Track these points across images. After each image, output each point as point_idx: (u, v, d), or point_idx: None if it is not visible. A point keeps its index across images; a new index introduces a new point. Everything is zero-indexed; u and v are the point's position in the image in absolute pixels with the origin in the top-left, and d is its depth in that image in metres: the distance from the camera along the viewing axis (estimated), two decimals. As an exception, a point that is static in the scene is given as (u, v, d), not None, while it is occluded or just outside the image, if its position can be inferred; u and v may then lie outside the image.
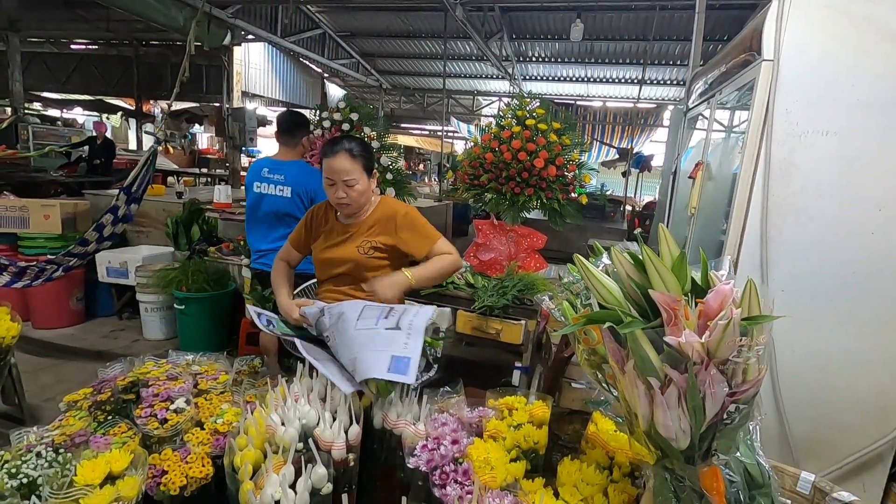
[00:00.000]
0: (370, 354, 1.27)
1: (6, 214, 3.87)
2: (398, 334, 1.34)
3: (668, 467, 0.76)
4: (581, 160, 3.21)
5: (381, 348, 1.29)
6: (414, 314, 1.43)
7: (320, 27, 9.76)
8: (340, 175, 1.66)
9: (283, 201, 2.70)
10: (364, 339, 1.33)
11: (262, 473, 1.00)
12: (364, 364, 1.25)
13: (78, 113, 14.36)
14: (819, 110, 1.70)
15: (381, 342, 1.31)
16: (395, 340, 1.32)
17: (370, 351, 1.28)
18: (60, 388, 2.98)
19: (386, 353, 1.27)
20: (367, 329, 1.37)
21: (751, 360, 0.65)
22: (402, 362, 1.25)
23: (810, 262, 1.71)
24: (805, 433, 1.80)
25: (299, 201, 2.71)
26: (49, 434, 1.12)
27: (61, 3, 8.66)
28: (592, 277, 0.74)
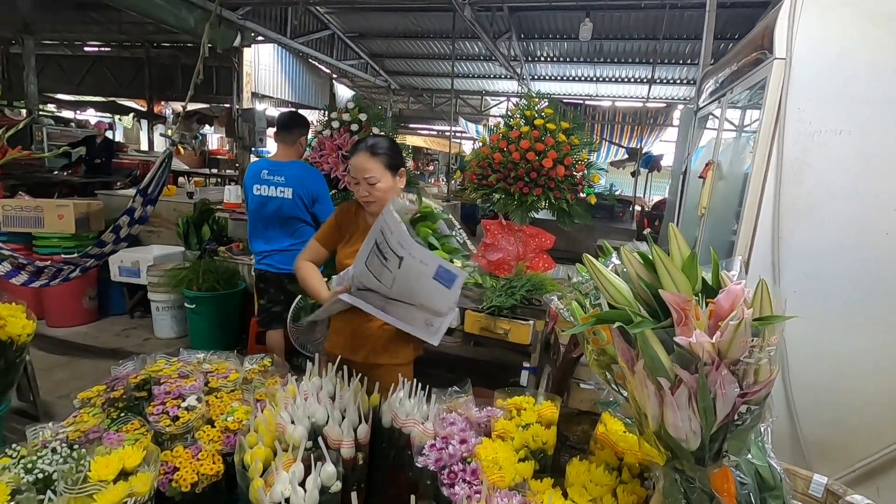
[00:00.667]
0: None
1: (21, 214, 3.93)
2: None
3: (678, 468, 0.76)
4: (590, 160, 3.20)
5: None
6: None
7: (329, 28, 9.81)
8: (361, 173, 1.67)
9: (286, 203, 2.70)
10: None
11: (272, 471, 1.01)
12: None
13: (91, 114, 14.56)
14: (833, 109, 1.68)
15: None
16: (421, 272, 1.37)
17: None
18: (74, 386, 3.03)
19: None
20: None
21: (762, 360, 0.64)
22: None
23: (823, 262, 1.69)
24: (817, 436, 1.78)
25: (301, 202, 2.71)
26: (64, 430, 1.14)
27: (75, 5, 8.78)
28: (602, 277, 0.74)
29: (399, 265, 1.38)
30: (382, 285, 1.45)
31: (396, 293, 1.46)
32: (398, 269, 1.39)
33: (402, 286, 1.43)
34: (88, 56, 12.26)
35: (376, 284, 1.47)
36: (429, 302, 1.45)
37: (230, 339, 3.89)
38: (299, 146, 2.81)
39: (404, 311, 1.50)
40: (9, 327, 1.63)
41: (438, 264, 1.37)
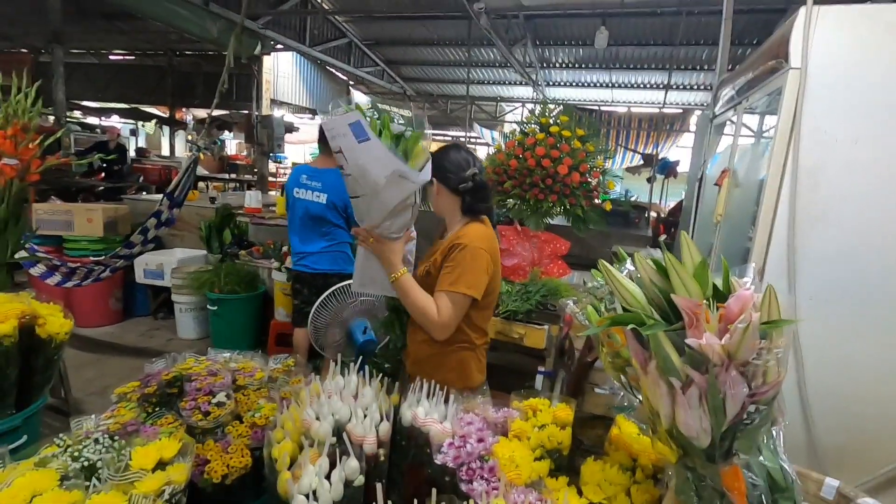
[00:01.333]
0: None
1: (53, 218, 4.09)
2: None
3: (689, 466, 0.79)
4: (605, 167, 3.23)
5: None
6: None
7: (346, 36, 9.98)
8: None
9: (318, 206, 2.87)
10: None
11: (300, 464, 1.06)
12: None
13: (115, 120, 14.97)
14: (849, 118, 1.69)
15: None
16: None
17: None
18: (102, 383, 3.14)
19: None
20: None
21: (770, 362, 0.68)
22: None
23: (839, 269, 1.70)
24: (834, 443, 1.78)
25: (333, 208, 2.88)
26: (104, 423, 1.21)
27: (102, 16, 9.08)
28: (617, 282, 0.78)
29: (344, 158, 1.35)
30: (362, 198, 1.42)
31: (366, 186, 1.39)
32: (347, 162, 1.36)
33: (360, 173, 1.37)
34: (113, 64, 12.66)
35: (362, 203, 1.44)
36: (382, 165, 1.34)
37: (251, 340, 3.99)
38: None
39: (386, 193, 1.40)
40: (48, 326, 1.72)
41: (345, 123, 1.30)
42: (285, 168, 13.73)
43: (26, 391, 1.74)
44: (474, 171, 1.59)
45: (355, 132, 1.31)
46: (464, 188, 1.60)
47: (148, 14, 6.36)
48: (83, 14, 8.77)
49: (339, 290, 2.23)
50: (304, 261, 2.97)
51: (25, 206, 2.23)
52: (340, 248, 2.96)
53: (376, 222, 1.47)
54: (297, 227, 2.95)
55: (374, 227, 1.48)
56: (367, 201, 1.43)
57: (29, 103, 2.09)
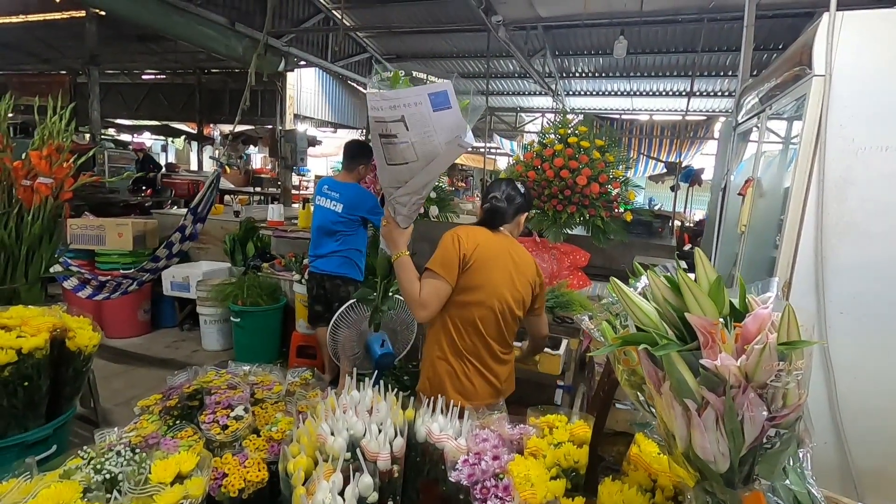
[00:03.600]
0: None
1: (86, 233, 4.24)
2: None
3: (708, 490, 0.76)
4: (625, 177, 3.19)
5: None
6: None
7: (367, 51, 10.16)
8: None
9: (333, 214, 3.19)
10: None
11: (314, 480, 1.06)
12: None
13: (146, 137, 15.54)
14: (877, 125, 1.64)
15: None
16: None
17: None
18: (130, 394, 3.23)
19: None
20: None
21: (790, 385, 0.65)
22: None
23: (870, 282, 1.63)
24: (870, 466, 1.70)
25: (348, 218, 3.17)
26: (126, 435, 1.24)
27: (136, 38, 9.48)
28: (628, 300, 0.76)
29: (405, 126, 1.40)
30: (411, 165, 1.48)
31: (423, 153, 1.45)
32: (408, 130, 1.41)
33: (423, 140, 1.43)
34: (145, 83, 13.17)
35: (406, 170, 1.50)
36: (451, 132, 1.43)
37: (272, 351, 4.04)
38: (357, 173, 3.31)
39: (435, 164, 1.49)
40: (77, 338, 1.78)
41: (425, 93, 1.37)
42: (308, 181, 13.98)
43: (56, 402, 1.80)
44: (494, 195, 1.86)
45: (435, 101, 1.37)
46: (485, 207, 1.88)
47: (178, 35, 6.62)
48: (118, 36, 9.18)
49: (357, 302, 2.25)
50: (316, 262, 3.28)
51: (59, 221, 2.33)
52: (349, 253, 3.23)
53: (417, 188, 1.56)
54: (315, 231, 3.29)
55: (411, 194, 1.60)
56: (414, 168, 1.50)
57: (63, 124, 2.18)
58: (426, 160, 1.48)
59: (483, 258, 1.73)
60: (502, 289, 1.75)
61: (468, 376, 1.77)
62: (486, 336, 1.75)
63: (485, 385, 1.79)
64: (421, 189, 1.59)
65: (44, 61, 11.64)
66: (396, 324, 2.43)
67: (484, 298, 1.73)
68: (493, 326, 1.76)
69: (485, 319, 1.74)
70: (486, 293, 1.73)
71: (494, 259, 1.75)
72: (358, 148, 3.35)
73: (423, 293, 1.67)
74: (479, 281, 1.72)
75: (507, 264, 1.77)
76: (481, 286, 1.72)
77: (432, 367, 1.80)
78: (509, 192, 1.86)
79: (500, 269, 1.75)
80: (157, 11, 5.99)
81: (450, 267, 1.69)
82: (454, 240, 1.73)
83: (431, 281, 1.69)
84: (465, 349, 1.76)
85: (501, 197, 1.85)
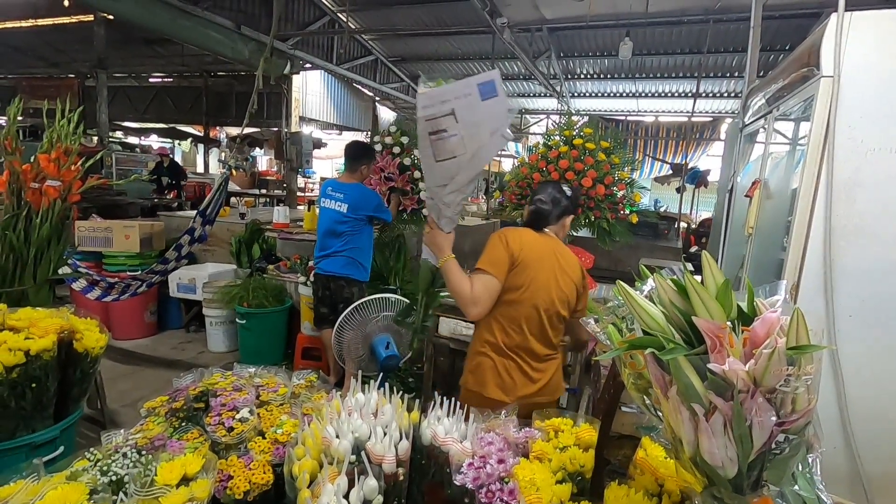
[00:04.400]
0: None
1: (94, 235, 4.27)
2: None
3: (716, 496, 0.76)
4: (631, 178, 3.18)
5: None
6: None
7: (373, 54, 10.20)
8: None
9: (338, 214, 3.20)
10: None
11: (319, 483, 1.06)
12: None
13: (154, 140, 15.66)
14: (886, 126, 1.62)
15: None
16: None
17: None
18: (136, 395, 3.24)
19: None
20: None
21: (799, 389, 0.64)
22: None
23: (879, 285, 1.61)
24: (881, 472, 1.67)
25: (353, 218, 3.18)
26: (133, 437, 1.24)
27: (143, 41, 9.56)
28: (635, 303, 0.76)
29: (455, 119, 1.50)
30: (459, 158, 1.57)
31: (472, 145, 1.55)
32: (457, 122, 1.51)
33: (472, 132, 1.53)
34: (152, 86, 13.27)
35: (454, 164, 1.59)
36: (498, 121, 1.55)
37: (277, 353, 4.05)
38: (360, 174, 3.30)
39: (484, 151, 1.59)
40: (85, 340, 1.79)
41: (475, 83, 1.47)
42: (314, 183, 14.05)
43: (63, 403, 1.81)
44: (539, 198, 1.93)
45: (484, 90, 1.48)
46: (530, 209, 1.95)
47: (185, 39, 6.67)
48: (126, 40, 9.26)
49: (363, 304, 2.25)
50: (321, 263, 3.28)
51: (68, 223, 2.35)
52: (353, 253, 3.23)
53: (463, 184, 1.65)
54: (320, 232, 3.30)
55: (456, 192, 1.67)
56: (461, 162, 1.59)
57: (71, 128, 2.20)
58: (473, 152, 1.57)
59: (529, 258, 1.78)
60: (548, 288, 1.80)
61: (509, 372, 1.82)
62: (528, 334, 1.80)
63: (526, 382, 1.83)
64: (466, 186, 1.68)
65: (53, 65, 11.76)
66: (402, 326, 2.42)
67: (529, 297, 1.78)
68: (537, 325, 1.80)
69: (529, 318, 1.79)
70: (531, 292, 1.78)
71: (539, 260, 1.80)
72: (359, 149, 3.34)
73: (475, 290, 1.72)
74: (525, 280, 1.77)
75: (552, 264, 1.82)
76: (527, 285, 1.77)
77: (476, 362, 1.87)
78: (554, 195, 1.92)
79: (545, 269, 1.80)
80: (165, 16, 6.04)
81: (499, 265, 1.76)
82: (502, 240, 1.80)
83: (482, 277, 1.74)
84: (507, 346, 1.81)
85: (546, 199, 1.91)
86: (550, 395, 1.89)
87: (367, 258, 3.34)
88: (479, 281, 1.74)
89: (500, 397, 1.82)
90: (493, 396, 1.82)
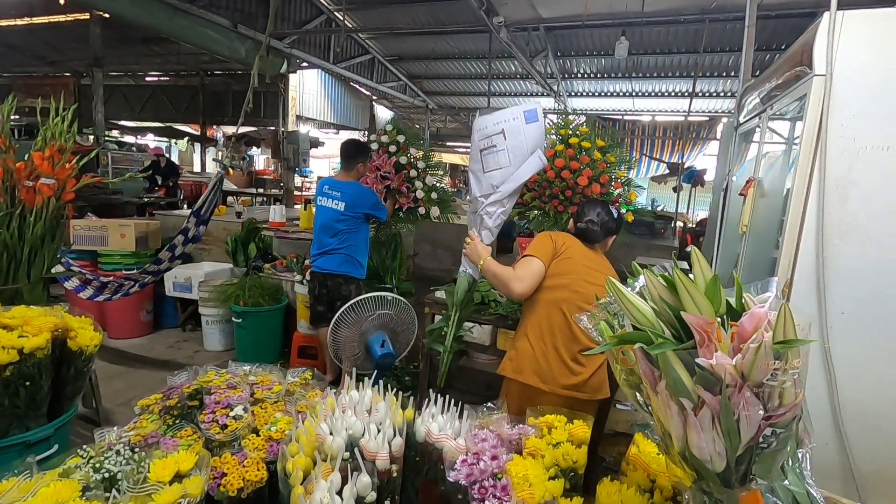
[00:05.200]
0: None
1: (88, 233, 4.26)
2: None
3: (705, 490, 0.76)
4: (627, 178, 3.18)
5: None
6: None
7: (370, 53, 10.18)
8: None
9: (335, 213, 3.21)
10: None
11: (312, 479, 1.06)
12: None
13: (150, 139, 15.61)
14: (879, 125, 1.63)
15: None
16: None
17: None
18: (132, 394, 3.23)
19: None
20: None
21: (786, 384, 0.65)
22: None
23: (872, 283, 1.62)
24: (873, 469, 1.68)
25: (350, 216, 3.20)
26: (126, 434, 1.24)
27: (139, 40, 9.53)
28: (625, 299, 0.76)
29: (504, 136, 1.94)
30: (504, 169, 1.98)
31: (515, 159, 1.97)
32: (505, 139, 1.95)
33: (516, 148, 1.96)
34: (149, 85, 13.23)
35: (500, 174, 1.99)
36: (537, 142, 1.99)
37: (274, 352, 4.04)
38: (356, 172, 3.31)
39: (521, 170, 1.99)
40: (79, 338, 1.78)
41: (521, 111, 1.94)
42: (311, 182, 14.03)
43: (58, 402, 1.81)
44: (590, 219, 2.04)
45: (528, 116, 1.96)
46: (579, 226, 2.07)
47: (181, 37, 6.64)
48: (122, 39, 9.23)
49: (357, 303, 2.25)
50: (317, 261, 3.29)
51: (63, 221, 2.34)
52: (349, 251, 3.23)
53: (505, 195, 2.03)
54: (317, 230, 3.31)
55: (497, 203, 2.03)
56: (507, 172, 2.00)
57: (66, 126, 2.19)
58: (517, 166, 1.96)
59: (572, 254, 1.95)
60: (588, 283, 1.89)
61: (547, 359, 1.87)
62: (569, 320, 1.85)
63: (564, 371, 1.86)
64: (507, 199, 2.03)
65: (48, 63, 11.71)
66: (397, 324, 2.43)
67: (571, 283, 1.89)
68: (577, 311, 1.82)
69: (570, 301, 1.87)
70: (572, 278, 1.90)
71: (582, 258, 1.96)
72: (355, 147, 3.34)
73: (518, 269, 1.91)
74: (567, 268, 1.92)
75: (594, 267, 1.97)
76: (569, 272, 1.91)
77: (515, 347, 1.97)
78: (604, 218, 2.04)
79: (586, 267, 1.94)
80: (161, 14, 6.01)
81: (544, 250, 1.94)
82: (548, 235, 2.00)
83: (526, 259, 1.93)
84: (545, 331, 1.89)
85: (597, 221, 2.03)
86: (592, 394, 1.89)
87: (363, 256, 3.35)
88: (523, 263, 1.92)
89: (537, 384, 1.85)
90: (530, 383, 1.86)
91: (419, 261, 4.97)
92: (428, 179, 3.50)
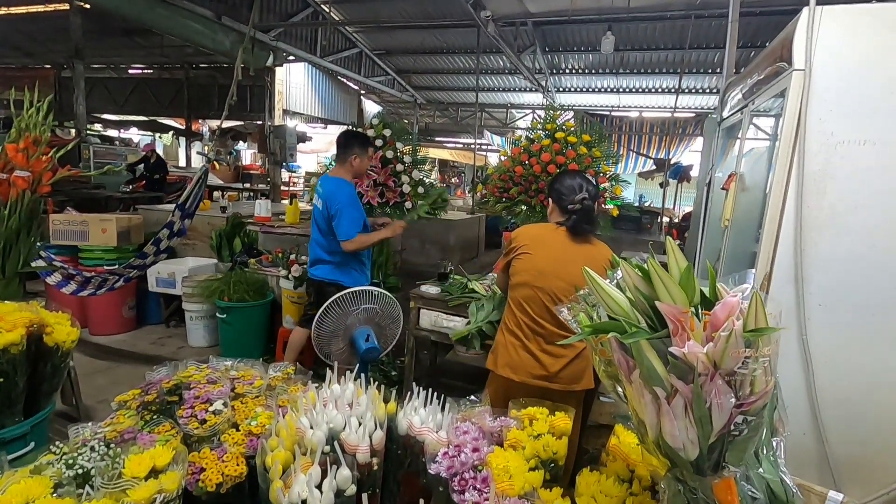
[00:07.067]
0: None
1: (69, 228, 4.17)
2: None
3: (679, 478, 0.77)
4: (614, 172, 3.20)
5: None
6: None
7: (357, 46, 10.10)
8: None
9: (316, 211, 2.99)
10: None
11: (291, 473, 1.06)
12: None
13: (134, 133, 15.34)
14: (856, 119, 1.65)
15: None
16: None
17: None
18: (114, 391, 3.15)
19: None
20: None
21: (756, 371, 0.66)
22: None
23: (849, 275, 1.65)
24: (848, 455, 1.72)
25: (326, 212, 2.89)
26: (102, 430, 1.22)
27: (122, 32, 9.33)
28: (600, 289, 0.77)
29: None
30: None
31: None
32: None
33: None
34: (132, 78, 12.97)
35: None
36: None
37: (259, 348, 4.00)
38: (350, 165, 2.91)
39: None
40: (55, 334, 1.75)
41: None
42: (298, 177, 13.89)
43: (34, 399, 1.77)
44: (583, 196, 1.90)
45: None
46: (572, 209, 1.90)
47: (163, 28, 6.52)
48: (103, 31, 9.02)
49: (340, 298, 2.23)
50: (311, 268, 3.11)
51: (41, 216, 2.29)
52: (340, 257, 2.93)
53: None
54: (312, 232, 3.10)
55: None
56: None
57: (41, 117, 2.14)
58: None
59: (530, 250, 1.91)
60: (554, 274, 1.86)
61: (516, 350, 1.92)
62: (533, 314, 1.89)
63: (532, 362, 1.89)
64: None
65: (28, 55, 11.42)
66: (382, 319, 2.41)
67: (528, 279, 1.89)
68: (539, 304, 1.88)
69: (530, 298, 1.89)
70: (530, 275, 1.89)
71: (544, 248, 1.90)
72: (348, 136, 2.99)
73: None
74: (524, 266, 1.90)
75: (562, 256, 1.88)
76: (526, 270, 1.90)
77: (494, 343, 2.04)
78: (588, 188, 1.94)
79: (549, 257, 1.89)
80: (142, 4, 5.89)
81: (502, 260, 2.03)
82: (510, 236, 2.01)
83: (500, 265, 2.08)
84: (513, 325, 1.94)
85: (591, 195, 1.93)
86: (566, 385, 1.90)
87: (356, 262, 3.01)
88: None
89: (508, 375, 1.91)
90: (503, 374, 1.93)
91: (407, 256, 4.96)
92: (414, 174, 3.49)
